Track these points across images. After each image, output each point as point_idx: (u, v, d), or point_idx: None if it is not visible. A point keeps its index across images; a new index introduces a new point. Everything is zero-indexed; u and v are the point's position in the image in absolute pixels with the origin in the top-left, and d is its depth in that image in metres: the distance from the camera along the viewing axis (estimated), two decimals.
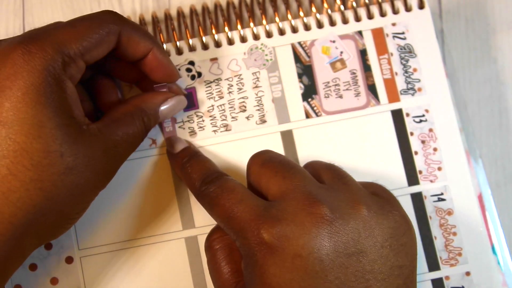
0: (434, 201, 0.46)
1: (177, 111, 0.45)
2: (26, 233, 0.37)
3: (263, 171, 0.41)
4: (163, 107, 0.43)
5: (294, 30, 0.48)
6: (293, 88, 0.47)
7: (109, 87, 0.44)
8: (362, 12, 0.48)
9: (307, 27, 0.48)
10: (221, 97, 0.47)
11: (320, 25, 0.48)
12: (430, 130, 0.47)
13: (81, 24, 0.39)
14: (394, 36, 0.48)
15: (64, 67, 0.38)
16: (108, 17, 0.40)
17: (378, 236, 0.39)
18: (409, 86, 0.47)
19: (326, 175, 0.41)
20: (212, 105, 0.47)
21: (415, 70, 0.47)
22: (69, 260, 0.45)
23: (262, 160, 0.41)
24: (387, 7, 0.48)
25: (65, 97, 0.38)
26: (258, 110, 0.47)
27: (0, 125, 0.36)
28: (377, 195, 0.41)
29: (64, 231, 0.40)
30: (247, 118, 0.47)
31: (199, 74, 0.47)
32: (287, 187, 0.39)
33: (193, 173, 0.43)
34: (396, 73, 0.47)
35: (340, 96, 0.47)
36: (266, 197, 0.40)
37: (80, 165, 0.38)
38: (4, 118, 0.36)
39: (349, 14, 0.48)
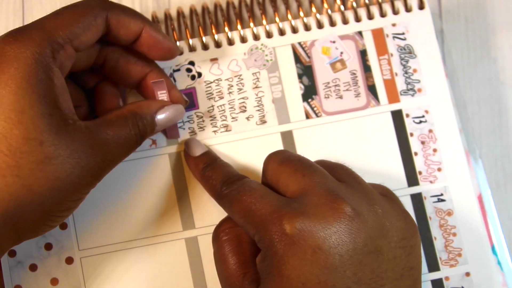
0: (434, 202, 0.46)
1: (175, 120, 0.44)
2: (2, 223, 0.37)
3: (282, 169, 0.41)
4: (159, 116, 0.42)
5: (294, 30, 0.48)
6: (293, 88, 0.47)
7: (111, 94, 0.44)
8: (362, 12, 0.48)
9: (307, 28, 0.48)
10: (221, 98, 0.47)
11: (320, 25, 0.48)
12: (430, 131, 0.47)
13: (67, 11, 0.39)
14: (394, 37, 0.48)
15: (53, 54, 0.38)
16: (94, 2, 0.40)
17: (393, 236, 0.39)
18: (409, 86, 0.47)
19: (340, 174, 0.41)
20: (212, 106, 0.47)
21: (415, 70, 0.47)
22: (69, 260, 0.45)
23: (281, 158, 0.41)
24: (387, 7, 0.48)
25: (51, 86, 0.37)
26: (258, 110, 0.47)
27: None
28: (385, 196, 0.42)
29: (47, 229, 0.39)
30: (247, 118, 0.47)
31: (199, 74, 0.47)
32: (307, 184, 0.39)
33: (214, 176, 0.43)
34: (396, 74, 0.47)
35: (340, 97, 0.47)
36: (285, 195, 0.40)
37: (62, 156, 0.37)
38: None
39: (349, 15, 0.48)
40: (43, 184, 0.37)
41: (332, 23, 0.48)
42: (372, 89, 0.47)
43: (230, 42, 0.47)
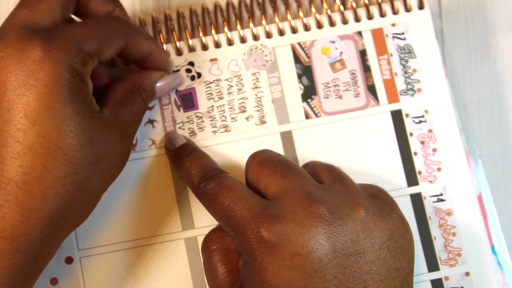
0: (434, 202, 0.46)
1: (173, 87, 0.46)
2: (63, 227, 0.38)
3: (262, 170, 0.41)
4: (159, 84, 0.44)
5: (294, 30, 0.48)
6: (293, 88, 0.47)
7: (103, 73, 0.44)
8: (361, 12, 0.48)
9: (306, 28, 0.48)
10: (221, 98, 0.47)
11: (319, 25, 0.48)
12: (430, 130, 0.47)
13: (97, 25, 0.40)
14: (393, 37, 0.48)
15: (83, 64, 0.38)
16: (121, 23, 0.41)
17: (376, 237, 0.39)
18: (409, 86, 0.47)
19: (325, 176, 0.41)
20: (212, 106, 0.47)
21: (414, 70, 0.47)
22: (69, 260, 0.45)
23: (261, 159, 0.42)
24: (386, 7, 0.48)
25: (86, 91, 0.38)
26: (258, 110, 0.47)
27: (31, 124, 0.36)
28: (376, 197, 0.41)
29: (85, 218, 0.40)
30: (247, 118, 0.47)
31: (199, 75, 0.47)
32: (286, 186, 0.39)
33: (192, 169, 0.43)
34: (396, 74, 0.47)
35: (340, 97, 0.47)
36: (265, 195, 0.40)
37: (107, 153, 0.39)
38: (34, 117, 0.36)
39: (349, 15, 0.48)
40: (94, 183, 0.39)
41: (332, 23, 0.48)
42: (371, 89, 0.47)
43: (230, 43, 0.47)
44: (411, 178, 0.47)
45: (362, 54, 0.48)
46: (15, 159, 0.36)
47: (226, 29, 0.47)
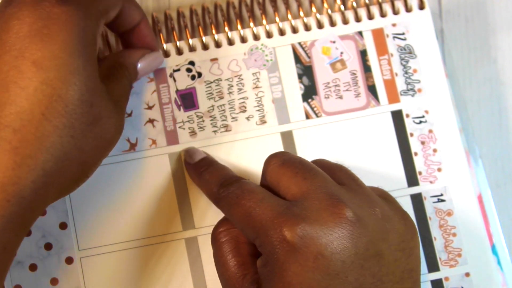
0: (434, 202, 0.46)
1: (154, 67, 0.46)
2: (53, 183, 0.37)
3: (283, 171, 0.40)
4: (140, 64, 0.44)
5: (294, 30, 0.48)
6: (293, 88, 0.47)
7: None
8: (362, 12, 0.48)
9: (307, 28, 0.48)
10: (221, 98, 0.47)
11: (320, 25, 0.48)
12: (430, 131, 0.47)
13: None
14: (394, 37, 0.48)
15: (97, 21, 0.38)
16: None
17: (393, 239, 0.39)
18: (409, 87, 0.47)
19: (339, 176, 0.41)
20: (212, 106, 0.47)
21: (415, 71, 0.47)
22: (69, 260, 0.45)
23: (282, 160, 0.41)
24: (387, 7, 0.48)
25: (95, 50, 0.38)
26: (258, 110, 0.47)
27: (37, 70, 0.36)
28: (384, 199, 0.41)
29: (76, 186, 0.40)
30: (247, 118, 0.47)
31: (199, 74, 0.47)
32: (308, 187, 0.39)
33: (211, 178, 0.43)
34: (396, 74, 0.47)
35: (340, 97, 0.47)
36: (285, 197, 0.40)
37: (104, 117, 0.38)
38: (41, 64, 0.36)
39: (349, 15, 0.48)
40: (90, 143, 0.38)
41: (332, 23, 0.48)
42: (372, 89, 0.47)
43: (230, 42, 0.47)
44: (412, 178, 0.47)
45: (363, 54, 0.48)
46: (15, 105, 0.36)
47: (226, 28, 0.47)
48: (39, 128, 0.36)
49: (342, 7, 0.48)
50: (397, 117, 0.47)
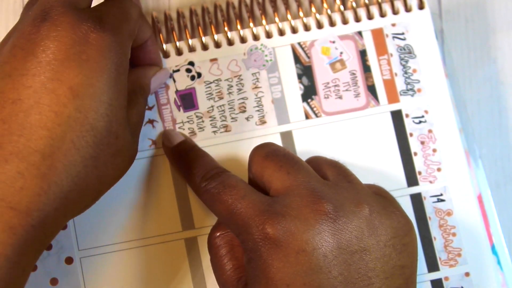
0: (434, 202, 0.46)
1: (162, 83, 0.46)
2: (72, 210, 0.37)
3: (267, 164, 0.41)
4: (153, 81, 0.44)
5: (294, 30, 0.48)
6: (293, 88, 0.47)
7: None
8: (362, 12, 0.48)
9: (306, 28, 0.48)
10: (221, 98, 0.47)
11: (319, 25, 0.48)
12: (430, 131, 0.47)
13: (126, 5, 0.40)
14: (394, 37, 0.48)
15: (128, 44, 0.38)
16: (139, 5, 0.42)
17: (382, 235, 0.39)
18: (409, 87, 0.47)
19: (330, 172, 0.41)
20: (212, 106, 0.47)
21: (414, 71, 0.47)
22: (69, 260, 0.45)
23: (266, 152, 0.41)
24: (387, 7, 0.48)
25: (126, 78, 0.38)
26: (258, 111, 0.47)
27: (73, 96, 0.35)
28: (380, 195, 0.41)
29: (86, 209, 0.39)
30: (247, 118, 0.47)
31: (199, 75, 0.47)
32: (291, 183, 0.39)
33: (193, 168, 0.43)
34: (396, 74, 0.47)
35: (340, 97, 0.47)
36: (268, 190, 0.40)
37: (124, 149, 0.38)
38: (78, 90, 0.35)
39: (349, 15, 0.48)
40: (110, 174, 0.38)
41: (332, 23, 0.48)
42: (371, 89, 0.47)
43: (230, 42, 0.47)
44: (411, 178, 0.47)
45: (362, 54, 0.48)
46: (46, 129, 0.35)
47: (226, 29, 0.47)
48: (67, 156, 0.35)
49: (342, 7, 0.48)
50: (397, 117, 0.47)
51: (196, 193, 0.42)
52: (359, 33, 0.48)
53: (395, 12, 0.48)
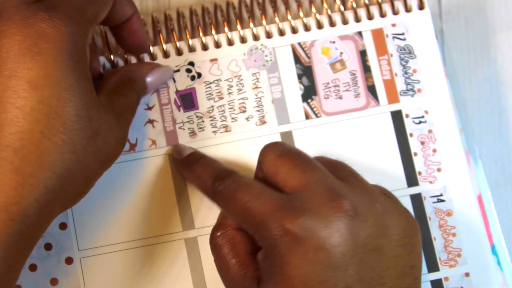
0: (434, 202, 0.46)
1: (164, 81, 0.46)
2: (57, 198, 0.37)
3: (281, 163, 0.40)
4: (149, 78, 0.44)
5: (294, 30, 0.48)
6: (293, 89, 0.47)
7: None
8: (362, 12, 0.48)
9: (307, 28, 0.48)
10: (221, 98, 0.47)
11: (320, 25, 0.48)
12: (430, 131, 0.47)
13: None
14: (394, 37, 0.48)
15: (85, 32, 0.38)
16: None
17: (394, 235, 0.39)
18: (409, 87, 0.47)
19: (338, 172, 0.41)
20: (212, 106, 0.47)
21: (414, 71, 0.47)
22: (69, 260, 0.45)
23: (280, 151, 0.41)
24: (387, 7, 0.48)
25: (87, 64, 0.38)
26: (258, 111, 0.47)
27: (32, 90, 0.36)
28: (386, 196, 0.41)
29: (80, 199, 0.40)
30: (247, 119, 0.47)
31: (199, 75, 0.47)
32: (307, 180, 0.39)
33: (204, 172, 0.43)
34: (396, 74, 0.47)
35: (340, 97, 0.47)
36: (283, 189, 0.40)
37: (104, 130, 0.38)
38: (35, 83, 0.36)
39: (349, 15, 0.48)
40: (92, 158, 0.38)
41: (332, 24, 0.48)
42: (371, 90, 0.47)
43: (230, 43, 0.47)
44: (411, 178, 0.47)
45: (362, 54, 0.48)
46: (13, 125, 0.36)
47: (226, 29, 0.47)
48: (39, 147, 0.36)
49: (342, 8, 0.48)
50: (397, 117, 0.47)
51: (209, 196, 0.42)
52: (359, 33, 0.48)
53: (395, 12, 0.48)
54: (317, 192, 0.38)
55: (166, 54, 0.47)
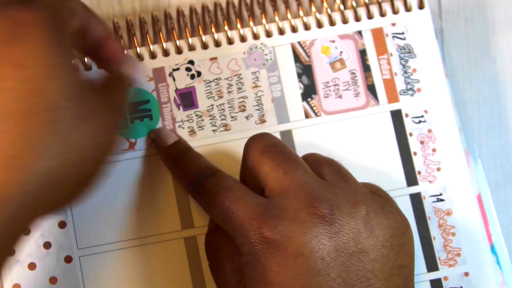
0: (433, 202, 0.46)
1: (141, 71, 0.44)
2: (48, 183, 0.35)
3: (264, 160, 0.40)
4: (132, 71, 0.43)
5: (294, 29, 0.48)
6: (293, 88, 0.47)
7: None
8: (362, 12, 0.48)
9: (306, 27, 0.48)
10: (221, 97, 0.47)
11: (319, 25, 0.48)
12: (429, 130, 0.47)
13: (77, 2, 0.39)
14: (393, 36, 0.48)
15: (65, 22, 0.37)
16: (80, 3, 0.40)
17: (379, 235, 0.39)
18: (409, 86, 0.47)
19: (326, 170, 0.41)
20: (212, 105, 0.47)
21: (414, 70, 0.47)
22: (68, 259, 0.45)
23: (263, 146, 0.41)
24: (387, 7, 0.48)
25: (67, 46, 0.37)
26: (258, 109, 0.47)
27: (16, 68, 0.34)
28: (376, 194, 0.41)
29: (80, 194, 0.37)
30: (247, 117, 0.47)
31: (199, 74, 0.47)
32: (288, 183, 0.39)
33: (187, 168, 0.43)
34: (396, 74, 0.47)
35: (340, 96, 0.47)
36: (264, 188, 0.40)
37: (96, 114, 0.36)
38: (20, 62, 0.34)
39: (349, 14, 0.48)
40: (81, 141, 0.36)
41: (332, 23, 0.48)
42: (371, 89, 0.47)
43: (230, 41, 0.47)
44: (411, 178, 0.47)
45: (362, 53, 0.48)
46: None
47: (226, 27, 0.47)
48: (25, 126, 0.34)
49: (342, 7, 0.48)
50: (397, 117, 0.47)
51: (190, 194, 0.42)
52: (359, 32, 0.48)
53: (395, 11, 0.48)
54: (296, 197, 0.38)
55: (165, 53, 0.47)
